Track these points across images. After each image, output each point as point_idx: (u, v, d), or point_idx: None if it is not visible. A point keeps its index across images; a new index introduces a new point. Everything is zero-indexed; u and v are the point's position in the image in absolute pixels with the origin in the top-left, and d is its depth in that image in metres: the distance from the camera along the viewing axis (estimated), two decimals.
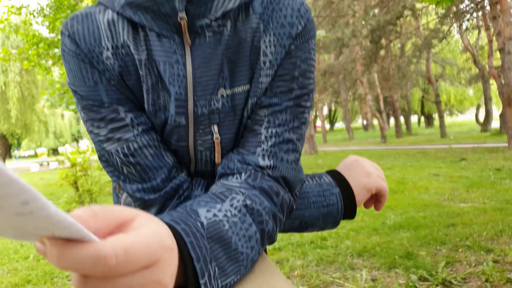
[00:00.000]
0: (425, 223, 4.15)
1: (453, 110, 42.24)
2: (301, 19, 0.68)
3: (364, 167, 0.80)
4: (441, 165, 8.97)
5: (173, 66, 0.64)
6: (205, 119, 0.67)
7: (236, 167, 0.66)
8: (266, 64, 0.67)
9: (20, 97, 24.82)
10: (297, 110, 0.69)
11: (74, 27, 0.64)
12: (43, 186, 13.12)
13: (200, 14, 0.62)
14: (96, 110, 0.65)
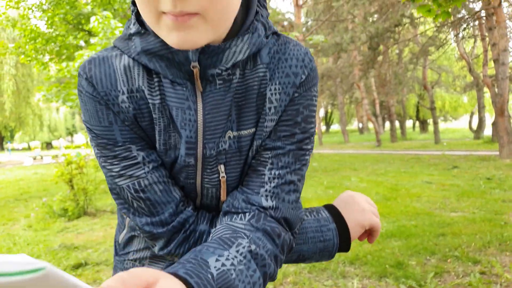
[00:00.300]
0: (416, 232, 4.23)
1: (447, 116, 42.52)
2: (305, 68, 0.73)
3: (359, 204, 0.84)
4: (434, 172, 9.08)
5: (185, 111, 0.68)
6: (213, 159, 0.72)
7: (241, 206, 0.71)
8: (271, 110, 0.72)
9: (15, 90, 24.65)
10: (299, 153, 0.74)
11: (92, 70, 0.68)
12: (37, 181, 13.08)
13: (212, 64, 0.66)
14: (110, 148, 0.69)
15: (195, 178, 0.74)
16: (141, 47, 0.67)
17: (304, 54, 0.74)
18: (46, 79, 11.23)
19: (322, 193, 7.25)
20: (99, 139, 0.70)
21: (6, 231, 5.71)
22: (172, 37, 0.58)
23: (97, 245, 4.56)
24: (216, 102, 0.69)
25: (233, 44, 0.66)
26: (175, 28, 0.57)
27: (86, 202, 6.55)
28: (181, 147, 0.71)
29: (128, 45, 0.69)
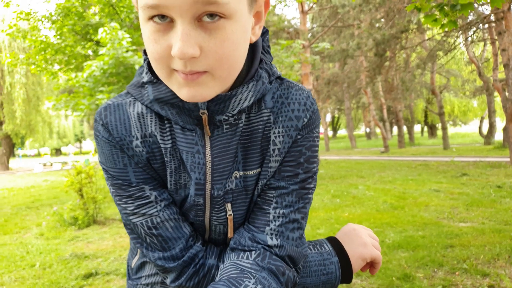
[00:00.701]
0: (423, 243, 4.22)
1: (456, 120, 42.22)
2: (307, 112, 0.78)
3: (361, 237, 0.88)
4: (443, 180, 9.03)
5: (194, 155, 0.73)
6: (220, 199, 0.77)
7: (247, 244, 0.75)
8: (275, 151, 0.77)
9: (25, 98, 24.93)
10: (302, 192, 0.78)
11: (108, 117, 0.74)
12: (47, 188, 13.21)
13: (219, 110, 0.71)
14: (124, 188, 0.75)
15: (204, 216, 0.79)
16: (153, 95, 0.72)
17: (306, 98, 0.79)
18: (56, 88, 11.39)
19: (329, 201, 7.25)
20: (115, 180, 0.75)
21: (19, 240, 5.80)
22: (183, 92, 0.62)
23: (107, 254, 4.61)
24: (223, 146, 0.74)
25: (239, 92, 0.71)
26: (186, 85, 0.62)
27: (95, 211, 6.63)
28: (190, 188, 0.76)
29: (141, 93, 0.74)
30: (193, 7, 0.55)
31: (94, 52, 10.63)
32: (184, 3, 0.55)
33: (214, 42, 0.58)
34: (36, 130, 27.73)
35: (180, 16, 0.56)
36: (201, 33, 0.58)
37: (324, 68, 26.36)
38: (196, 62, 0.59)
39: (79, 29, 10.59)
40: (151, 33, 0.59)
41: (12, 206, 9.46)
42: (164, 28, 0.58)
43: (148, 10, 0.57)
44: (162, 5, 0.55)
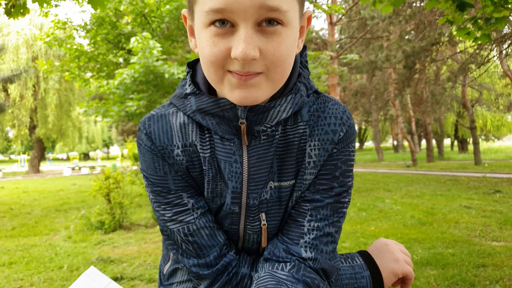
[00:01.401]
0: (453, 261, 4.08)
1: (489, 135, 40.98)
2: (343, 126, 0.79)
3: (393, 253, 0.88)
4: (474, 197, 8.75)
5: (232, 165, 0.75)
6: (255, 208, 0.78)
7: (282, 255, 0.76)
8: (311, 164, 0.78)
9: (57, 103, 25.83)
10: (336, 206, 0.79)
11: (151, 127, 0.77)
12: (75, 192, 13.55)
13: (258, 121, 0.73)
14: (164, 195, 0.77)
15: (239, 224, 0.81)
16: (196, 106, 0.75)
17: (342, 112, 0.80)
18: (87, 95, 11.76)
19: (355, 215, 7.14)
20: (155, 187, 0.78)
21: (48, 241, 5.96)
22: (235, 94, 0.65)
23: (132, 260, 4.67)
24: (260, 156, 0.75)
25: (278, 104, 0.73)
26: (239, 86, 0.64)
27: (122, 216, 6.74)
28: (227, 196, 0.77)
29: (184, 103, 0.77)
30: (257, 12, 0.59)
31: (125, 61, 10.91)
32: (249, 8, 0.59)
33: (272, 45, 0.62)
34: (67, 135, 28.63)
35: (243, 21, 0.60)
36: (260, 37, 0.62)
37: (351, 79, 26.15)
38: (254, 63, 0.62)
39: (112, 38, 10.92)
40: (210, 37, 0.63)
41: (43, 209, 9.74)
42: (225, 32, 0.62)
43: (212, 15, 0.61)
44: (228, 9, 0.59)
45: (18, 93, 24.43)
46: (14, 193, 13.93)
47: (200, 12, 0.63)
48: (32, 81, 24.84)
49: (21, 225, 7.46)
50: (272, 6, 0.59)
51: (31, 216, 8.63)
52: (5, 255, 5.17)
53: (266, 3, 0.59)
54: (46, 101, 25.34)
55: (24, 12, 3.88)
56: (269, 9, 0.59)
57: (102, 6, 3.87)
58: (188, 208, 0.77)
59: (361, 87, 23.11)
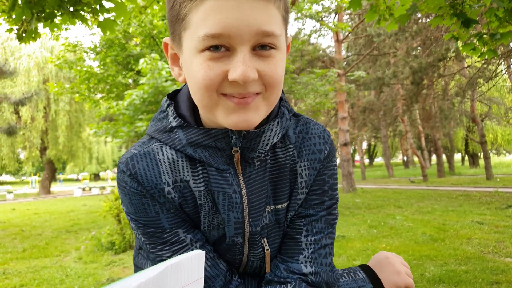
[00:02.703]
0: (466, 278, 4.01)
1: (500, 149, 40.50)
2: (326, 144, 0.83)
3: (394, 265, 0.90)
4: (486, 212, 8.62)
5: (231, 196, 0.75)
6: (258, 235, 0.79)
7: (283, 275, 0.77)
8: (302, 184, 0.81)
9: (68, 124, 26.16)
10: (329, 218, 0.82)
11: (136, 167, 0.73)
12: (85, 213, 13.60)
13: (251, 147, 0.74)
14: (159, 235, 0.75)
15: (242, 254, 0.81)
16: (186, 139, 0.73)
17: (323, 131, 0.84)
18: (97, 116, 11.90)
19: (365, 232, 7.06)
20: (147, 229, 0.74)
21: (59, 263, 5.97)
22: (232, 118, 0.66)
23: None
24: (257, 183, 0.77)
25: (268, 129, 0.75)
26: (236, 111, 0.65)
27: (132, 236, 6.74)
28: (228, 229, 0.77)
29: (171, 137, 0.75)
30: (253, 37, 0.61)
31: (135, 82, 11.09)
32: (246, 34, 0.60)
33: (269, 67, 0.64)
34: (77, 156, 28.90)
35: (241, 45, 0.61)
36: (256, 59, 0.63)
37: (359, 95, 26.18)
38: (252, 84, 0.64)
39: (121, 59, 11.13)
40: (205, 61, 0.63)
41: (53, 230, 9.79)
42: (220, 56, 0.63)
43: (208, 40, 0.61)
44: (225, 34, 0.60)
45: (29, 115, 24.81)
46: (25, 215, 14.03)
47: (192, 37, 0.63)
48: (43, 103, 25.24)
49: (32, 247, 7.49)
50: (267, 32, 0.61)
51: (42, 237, 8.68)
52: (16, 277, 5.19)
53: (262, 29, 0.61)
54: (56, 122, 25.69)
55: (36, 37, 3.98)
56: (265, 34, 0.61)
57: (112, 29, 3.97)
58: (187, 243, 0.75)
59: (369, 103, 23.11)
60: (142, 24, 10.25)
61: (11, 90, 22.97)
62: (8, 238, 8.79)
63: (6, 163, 26.29)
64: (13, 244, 7.99)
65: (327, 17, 17.59)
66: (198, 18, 0.61)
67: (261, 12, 0.60)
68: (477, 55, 4.52)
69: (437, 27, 14.44)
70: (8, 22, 3.94)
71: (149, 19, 10.31)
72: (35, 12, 3.64)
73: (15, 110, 24.52)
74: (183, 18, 0.64)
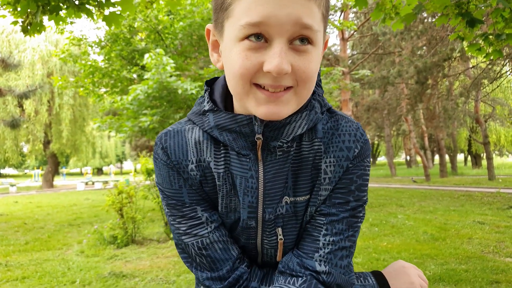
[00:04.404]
0: (467, 277, 4.03)
1: (503, 150, 40.35)
2: (357, 143, 0.81)
3: (410, 276, 0.89)
4: (487, 212, 8.62)
5: (248, 180, 0.78)
6: (272, 223, 0.81)
7: (295, 269, 0.78)
8: (326, 180, 0.80)
9: (72, 118, 26.19)
10: (352, 220, 0.80)
11: (167, 142, 0.81)
12: (88, 207, 13.66)
13: (274, 136, 0.76)
14: (179, 208, 0.80)
15: (256, 239, 0.83)
16: (214, 122, 0.78)
17: (356, 129, 0.82)
18: (101, 110, 11.91)
19: (367, 230, 7.08)
20: (170, 200, 0.81)
21: (61, 256, 6.01)
22: (261, 109, 0.68)
23: (144, 274, 4.69)
24: (276, 171, 0.78)
25: (293, 120, 0.76)
26: (266, 102, 0.67)
27: (134, 231, 6.78)
28: (243, 211, 0.80)
29: (202, 120, 0.80)
30: (292, 28, 0.63)
31: (139, 76, 11.10)
32: (286, 23, 0.62)
33: (303, 62, 0.66)
34: (80, 150, 28.95)
35: (279, 36, 0.63)
36: (292, 54, 0.65)
37: (363, 94, 26.14)
38: (285, 78, 0.66)
39: (126, 54, 11.14)
40: (243, 50, 0.66)
41: (56, 223, 9.84)
42: (258, 46, 0.65)
43: (248, 28, 0.64)
44: (265, 23, 0.63)
45: (33, 109, 24.85)
46: (28, 208, 14.11)
47: (233, 26, 0.66)
48: (47, 97, 25.29)
49: (34, 240, 7.54)
50: (306, 24, 0.63)
51: (44, 230, 8.73)
52: (18, 270, 5.23)
53: (301, 20, 0.63)
54: (60, 116, 25.73)
55: (40, 30, 3.99)
56: (303, 26, 0.63)
57: (117, 24, 3.98)
58: (202, 221, 0.79)
59: (373, 102, 23.06)
60: (147, 19, 10.25)
61: (15, 83, 23.03)
62: (10, 231, 8.85)
63: (9, 156, 26.38)
64: (15, 236, 8.05)
65: (332, 15, 17.56)
66: (241, 8, 0.64)
67: (302, 6, 0.63)
68: (482, 56, 4.51)
69: (443, 26, 14.39)
70: (13, 15, 3.95)
71: (155, 14, 10.31)
72: (40, 5, 3.66)
73: (19, 103, 24.58)
74: (227, 7, 0.67)
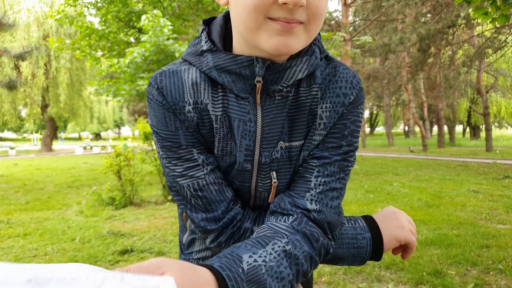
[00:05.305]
0: (457, 241, 4.12)
1: (502, 122, 40.39)
2: (353, 90, 0.82)
3: (399, 220, 0.90)
4: (482, 182, 8.72)
5: (246, 123, 0.78)
6: (267, 166, 0.81)
7: (287, 208, 0.78)
8: (321, 125, 0.81)
9: (69, 82, 25.96)
10: (343, 163, 0.81)
11: (163, 82, 0.78)
12: (86, 170, 13.77)
13: (274, 80, 0.75)
14: (174, 150, 0.79)
15: (251, 182, 0.84)
16: (213, 62, 0.76)
17: (352, 76, 0.83)
18: (98, 73, 11.79)
19: (362, 196, 7.18)
20: (165, 142, 0.79)
21: (60, 215, 6.12)
22: (274, 40, 0.67)
23: (142, 234, 4.79)
24: (274, 116, 0.78)
25: (294, 64, 0.75)
26: (280, 33, 0.66)
27: (132, 193, 6.87)
28: (239, 154, 0.80)
29: (200, 60, 0.78)
30: None
31: (136, 39, 10.92)
32: None
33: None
34: (78, 114, 28.88)
35: None
36: None
37: (364, 63, 25.85)
38: (299, 11, 0.65)
39: (123, 16, 10.91)
40: None
41: (55, 185, 9.95)
42: None
43: None
44: None
45: (29, 72, 24.58)
46: (27, 170, 14.22)
47: None
48: (44, 60, 24.95)
49: (35, 200, 7.65)
50: None
51: (44, 191, 8.84)
52: (20, 227, 5.34)
53: None
54: (57, 80, 25.48)
55: None
56: None
57: None
58: (199, 163, 0.79)
59: (373, 71, 22.86)
60: None
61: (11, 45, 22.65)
62: (11, 191, 8.96)
63: (7, 120, 26.34)
64: (16, 196, 8.16)
65: None
66: None
67: None
68: (489, 20, 4.43)
69: None
70: None
71: None
72: None
73: (15, 65, 24.30)
74: None
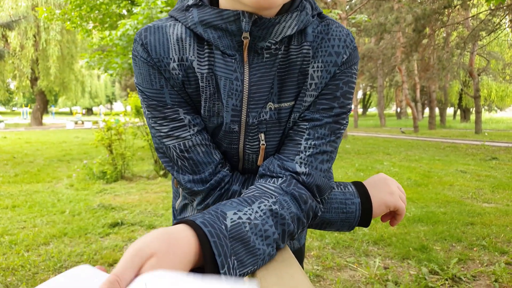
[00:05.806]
0: (444, 219, 4.20)
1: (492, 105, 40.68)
2: (347, 48, 0.77)
3: (389, 186, 0.89)
4: (470, 162, 8.84)
5: (232, 82, 0.75)
6: (255, 128, 0.79)
7: (276, 170, 0.77)
8: (312, 86, 0.77)
9: (59, 55, 25.42)
10: (334, 126, 0.78)
11: (148, 38, 0.75)
12: (78, 144, 13.68)
13: (262, 36, 0.72)
14: (160, 110, 0.76)
15: (238, 144, 0.81)
16: (198, 17, 0.73)
17: (346, 35, 0.79)
18: (90, 46, 11.56)
19: (353, 174, 7.25)
20: (150, 101, 0.77)
21: (50, 188, 6.10)
22: None
23: (133, 207, 4.80)
24: (262, 75, 0.75)
25: (283, 20, 0.71)
26: None
27: (123, 167, 6.86)
28: (226, 115, 0.77)
29: (185, 15, 0.75)
30: None
31: (129, 12, 10.70)
32: None
33: None
34: (69, 88, 28.44)
35: None
36: None
37: (359, 43, 25.70)
38: None
39: None
40: None
41: (45, 158, 9.89)
42: None
43: None
44: None
45: (18, 43, 23.98)
46: (16, 143, 14.09)
47: None
48: (33, 31, 24.33)
49: (24, 173, 7.60)
50: None
51: (34, 164, 8.78)
52: (8, 199, 5.32)
53: None
54: (47, 52, 24.92)
55: None
56: None
57: None
58: (185, 124, 0.77)
59: (368, 51, 22.75)
60: None
61: None
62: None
63: None
64: (4, 169, 8.10)
65: None
66: None
67: None
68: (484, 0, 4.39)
69: None
70: None
71: None
72: None
73: (3, 35, 23.71)
74: None
